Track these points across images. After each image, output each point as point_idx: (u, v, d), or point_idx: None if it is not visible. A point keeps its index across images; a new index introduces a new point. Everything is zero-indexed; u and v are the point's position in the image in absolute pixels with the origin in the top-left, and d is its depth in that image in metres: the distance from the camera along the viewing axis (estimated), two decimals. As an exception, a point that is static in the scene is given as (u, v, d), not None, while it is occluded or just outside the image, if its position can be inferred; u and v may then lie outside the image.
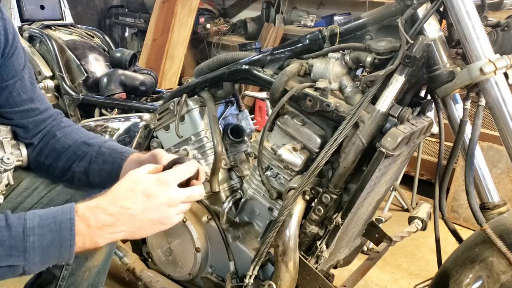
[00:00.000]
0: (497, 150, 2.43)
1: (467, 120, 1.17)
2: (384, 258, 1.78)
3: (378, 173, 1.14)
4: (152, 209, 0.83)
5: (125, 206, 0.82)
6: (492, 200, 1.20)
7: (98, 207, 0.81)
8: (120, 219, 0.82)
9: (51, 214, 0.80)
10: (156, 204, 0.83)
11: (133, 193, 0.83)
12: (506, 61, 1.04)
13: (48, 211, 0.81)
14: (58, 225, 0.78)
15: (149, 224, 0.84)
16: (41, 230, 0.78)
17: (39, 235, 0.78)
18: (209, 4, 4.79)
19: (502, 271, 1.05)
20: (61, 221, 0.79)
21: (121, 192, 0.83)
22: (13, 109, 1.10)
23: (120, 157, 1.09)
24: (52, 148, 1.13)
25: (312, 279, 1.23)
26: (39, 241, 0.77)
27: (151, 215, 0.84)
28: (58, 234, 0.78)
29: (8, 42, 1.03)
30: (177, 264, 1.56)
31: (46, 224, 0.78)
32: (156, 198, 0.83)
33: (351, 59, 1.18)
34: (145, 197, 0.82)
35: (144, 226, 0.84)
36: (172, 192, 0.84)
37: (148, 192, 0.83)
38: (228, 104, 1.57)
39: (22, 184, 1.15)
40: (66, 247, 0.79)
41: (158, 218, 0.85)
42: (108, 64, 2.06)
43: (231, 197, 1.45)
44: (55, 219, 0.79)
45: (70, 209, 0.80)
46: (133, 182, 0.84)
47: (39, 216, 0.80)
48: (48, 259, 0.80)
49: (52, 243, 0.78)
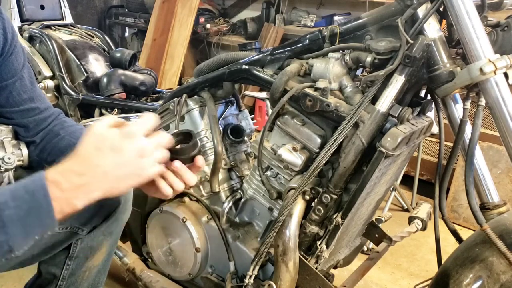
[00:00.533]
0: (497, 150, 2.43)
1: (467, 120, 1.17)
2: (384, 258, 1.78)
3: (378, 173, 1.14)
4: (123, 163, 0.81)
5: (95, 163, 0.80)
6: (492, 200, 1.20)
7: (67, 169, 0.80)
8: (93, 177, 0.80)
9: (22, 186, 0.78)
10: (127, 157, 0.81)
11: (100, 151, 0.80)
12: (506, 61, 1.04)
13: (18, 184, 0.79)
14: (31, 194, 0.77)
15: (124, 178, 0.82)
16: (15, 202, 0.76)
17: (14, 207, 0.76)
18: (209, 4, 4.79)
19: (502, 271, 1.05)
20: (33, 190, 0.77)
21: (88, 151, 0.81)
22: (13, 108, 1.10)
23: None
24: (55, 146, 1.13)
25: (312, 279, 1.23)
26: (16, 213, 0.76)
27: (124, 169, 0.81)
28: (34, 202, 0.77)
29: (7, 42, 1.03)
30: (177, 264, 1.56)
31: (19, 196, 0.77)
32: (125, 151, 0.81)
33: (351, 59, 1.18)
34: (113, 152, 0.80)
35: (120, 181, 0.82)
36: (139, 143, 0.82)
37: (115, 147, 0.80)
38: (228, 104, 1.57)
39: (23, 184, 1.15)
40: (46, 214, 0.77)
41: (132, 171, 0.82)
42: (108, 64, 2.06)
43: (231, 197, 1.45)
44: (27, 189, 0.77)
45: (40, 177, 0.78)
46: (97, 140, 0.81)
47: (10, 190, 0.78)
48: (31, 229, 0.78)
49: (29, 213, 0.77)
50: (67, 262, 1.22)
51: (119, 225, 1.25)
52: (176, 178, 0.93)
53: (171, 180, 0.93)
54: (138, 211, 1.60)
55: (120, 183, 0.82)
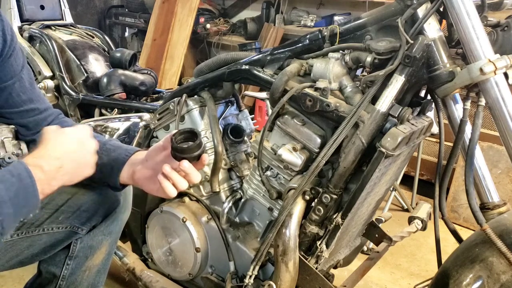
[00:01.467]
0: (497, 150, 2.43)
1: (467, 120, 1.17)
2: (384, 258, 1.78)
3: (378, 173, 1.14)
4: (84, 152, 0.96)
5: (66, 149, 0.92)
6: (492, 200, 1.20)
7: (44, 155, 0.90)
8: (65, 161, 0.91)
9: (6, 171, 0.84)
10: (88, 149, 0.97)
11: (69, 139, 0.94)
12: (506, 61, 1.04)
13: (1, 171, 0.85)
14: (17, 176, 0.83)
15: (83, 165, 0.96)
16: (4, 184, 0.81)
17: (4, 189, 0.81)
18: (209, 4, 4.79)
19: (502, 271, 1.05)
20: (19, 173, 0.84)
21: (58, 140, 0.93)
22: (12, 109, 1.10)
23: (125, 153, 1.10)
24: None
25: (312, 279, 1.23)
26: (7, 195, 0.81)
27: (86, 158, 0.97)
28: (21, 183, 0.83)
29: (6, 44, 1.04)
30: (177, 264, 1.56)
31: (6, 179, 0.82)
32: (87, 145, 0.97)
33: (351, 59, 1.18)
34: (79, 142, 0.95)
35: (82, 167, 0.96)
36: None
37: (80, 139, 0.96)
38: (228, 104, 1.57)
39: (23, 183, 1.16)
40: (32, 194, 0.84)
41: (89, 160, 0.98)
42: (108, 64, 2.06)
43: (231, 197, 1.45)
44: (12, 173, 0.83)
45: (20, 163, 0.86)
46: (64, 135, 0.95)
47: None
48: (19, 209, 0.83)
49: (18, 194, 0.82)
50: (67, 262, 1.22)
51: (118, 224, 1.25)
52: (181, 178, 0.95)
53: (176, 180, 0.95)
54: (138, 211, 1.60)
55: (83, 169, 0.97)
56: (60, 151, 0.91)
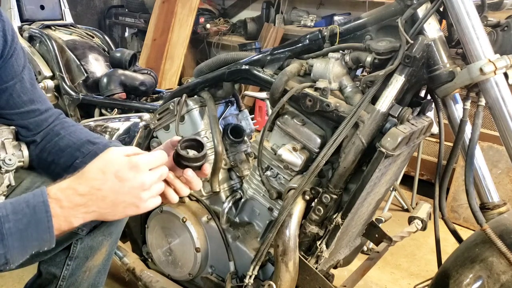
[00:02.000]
0: (497, 150, 2.43)
1: (467, 120, 1.17)
2: (384, 258, 1.78)
3: (378, 173, 1.14)
4: (123, 192, 0.83)
5: (96, 187, 0.82)
6: (492, 200, 1.20)
7: (69, 188, 0.82)
8: (91, 199, 0.82)
9: (23, 200, 0.80)
10: (128, 187, 0.83)
11: (104, 174, 0.83)
12: (506, 61, 1.04)
13: (20, 198, 0.81)
14: (32, 208, 0.79)
15: (121, 206, 0.84)
16: (16, 215, 0.78)
17: (15, 220, 0.78)
18: (209, 4, 4.79)
19: (502, 271, 1.05)
20: (35, 205, 0.79)
21: (92, 172, 0.83)
22: (13, 110, 1.10)
23: None
24: (55, 145, 1.13)
25: (312, 279, 1.23)
26: (16, 226, 0.77)
27: (123, 198, 0.83)
28: (34, 217, 0.79)
29: (7, 44, 1.03)
30: (177, 264, 1.56)
31: (19, 209, 0.79)
32: (128, 182, 0.83)
33: (351, 59, 1.18)
34: (117, 179, 0.83)
35: (116, 208, 0.84)
36: (143, 177, 0.84)
37: (120, 175, 0.83)
38: (228, 104, 1.57)
39: (23, 184, 1.15)
40: (45, 229, 0.80)
41: (130, 201, 0.84)
42: (108, 64, 2.06)
43: (231, 197, 1.45)
44: (28, 204, 0.79)
45: (42, 193, 0.80)
46: (105, 163, 0.84)
47: (11, 204, 0.80)
48: (29, 243, 0.80)
49: (28, 226, 0.78)
50: (67, 262, 1.22)
51: (119, 225, 1.25)
52: (183, 185, 0.95)
53: (178, 187, 0.95)
54: (138, 211, 1.60)
55: (116, 210, 0.85)
56: (87, 187, 0.82)
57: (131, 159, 0.84)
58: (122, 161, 0.84)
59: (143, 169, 0.84)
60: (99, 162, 0.84)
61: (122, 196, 0.83)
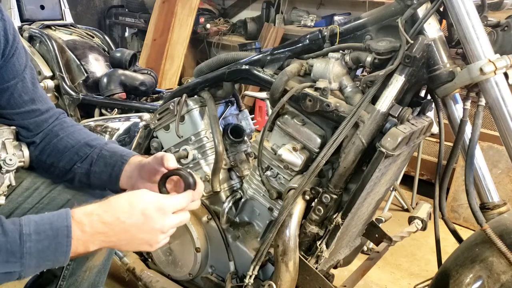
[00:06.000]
0: (497, 150, 2.43)
1: (467, 120, 1.17)
2: (384, 258, 1.78)
3: (378, 173, 1.14)
4: (145, 230, 0.86)
5: (121, 218, 0.84)
6: (492, 200, 1.20)
7: (94, 214, 0.84)
8: (113, 230, 0.84)
9: (48, 220, 0.81)
10: (150, 227, 0.86)
11: (131, 208, 0.85)
12: (506, 61, 1.04)
13: (44, 216, 0.82)
14: (55, 231, 0.80)
15: (137, 242, 0.87)
16: (38, 236, 0.79)
17: (36, 240, 0.79)
18: (209, 4, 4.79)
19: (502, 271, 1.05)
20: (58, 228, 0.80)
21: (121, 204, 0.85)
22: (14, 110, 1.10)
23: (121, 160, 1.10)
24: (54, 148, 1.13)
25: (312, 279, 1.23)
26: (36, 247, 0.79)
27: (142, 235, 0.86)
28: (55, 240, 0.80)
29: (8, 43, 1.03)
30: (177, 264, 1.56)
31: (42, 230, 0.80)
32: (152, 221, 0.86)
33: (351, 59, 1.18)
34: (143, 216, 0.85)
35: (133, 242, 0.87)
36: (167, 221, 0.88)
37: (146, 213, 0.85)
38: (228, 104, 1.57)
39: (23, 184, 1.15)
40: (62, 252, 0.81)
41: (148, 240, 0.88)
42: (108, 64, 2.06)
43: (231, 197, 1.45)
44: (52, 226, 0.80)
45: (66, 216, 0.82)
46: (134, 198, 0.86)
47: (35, 222, 0.81)
48: (44, 263, 0.81)
49: (48, 248, 0.80)
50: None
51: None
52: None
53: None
54: (138, 211, 1.60)
55: (132, 244, 0.88)
56: (112, 217, 0.84)
57: (159, 200, 0.87)
58: (151, 200, 0.87)
59: (168, 212, 0.88)
60: (130, 195, 0.87)
61: (142, 234, 0.86)
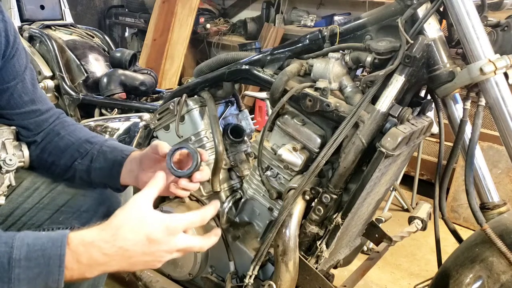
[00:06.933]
0: (497, 150, 2.43)
1: (467, 120, 1.17)
2: (384, 258, 1.78)
3: (378, 173, 1.14)
4: (150, 253, 0.81)
5: (125, 247, 0.78)
6: (492, 200, 1.20)
7: (93, 244, 0.77)
8: (115, 260, 0.78)
9: (40, 246, 0.76)
10: (156, 249, 0.81)
11: (136, 235, 0.79)
12: (506, 61, 1.04)
13: (38, 240, 0.77)
14: (46, 259, 0.75)
15: (141, 264, 0.82)
16: (28, 262, 0.75)
17: (25, 267, 0.74)
18: (209, 4, 4.79)
19: (502, 271, 1.05)
20: (50, 256, 0.75)
21: (123, 231, 0.78)
22: (14, 110, 1.10)
23: (121, 155, 1.10)
24: (55, 146, 1.13)
25: (312, 279, 1.23)
26: (25, 273, 0.74)
27: (147, 258, 0.81)
28: (46, 268, 0.75)
29: (9, 44, 1.03)
30: (177, 264, 1.56)
31: (34, 257, 0.75)
32: (158, 245, 0.80)
33: (351, 59, 1.18)
34: (148, 241, 0.79)
35: (137, 265, 0.82)
36: (175, 242, 0.82)
37: (152, 237, 0.79)
38: (228, 104, 1.56)
39: (23, 184, 1.15)
40: (54, 280, 0.76)
41: (152, 261, 0.82)
42: (108, 64, 2.06)
43: (231, 197, 1.45)
44: (44, 253, 0.75)
45: (61, 243, 0.76)
46: (138, 222, 0.80)
47: (27, 246, 0.76)
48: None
49: (38, 276, 0.75)
50: (68, 262, 1.22)
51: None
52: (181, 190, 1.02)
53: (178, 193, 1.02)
54: (138, 211, 1.60)
55: (135, 267, 0.82)
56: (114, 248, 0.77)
57: (169, 224, 0.81)
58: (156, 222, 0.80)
59: (177, 231, 0.82)
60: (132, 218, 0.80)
61: (147, 257, 0.81)
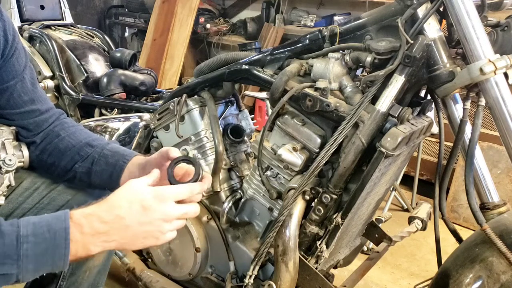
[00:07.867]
0: (497, 150, 2.43)
1: (467, 120, 1.17)
2: (384, 258, 1.78)
3: (378, 173, 1.14)
4: (146, 222, 0.84)
5: (121, 215, 0.82)
6: (492, 200, 1.20)
7: (93, 214, 0.82)
8: (113, 228, 0.82)
9: (46, 222, 0.80)
10: (152, 218, 0.84)
11: (130, 203, 0.83)
12: (506, 61, 1.04)
13: (43, 218, 0.81)
14: (52, 233, 0.79)
15: (141, 236, 0.85)
16: (35, 238, 0.78)
17: (33, 243, 0.78)
18: (209, 4, 4.79)
19: (502, 271, 1.05)
20: (56, 230, 0.79)
21: (118, 201, 0.84)
22: (13, 110, 1.10)
23: (123, 159, 1.09)
24: (55, 147, 1.13)
25: (312, 279, 1.23)
26: (33, 249, 0.78)
27: (145, 228, 0.84)
28: (53, 242, 0.79)
29: (8, 43, 1.03)
30: (177, 264, 1.56)
31: (40, 232, 0.78)
32: (152, 212, 0.84)
33: (351, 59, 1.18)
34: (142, 209, 0.84)
35: (137, 238, 0.85)
36: (168, 208, 0.86)
37: (145, 204, 0.84)
38: (228, 104, 1.57)
39: (23, 184, 1.15)
40: (60, 256, 0.80)
41: (151, 231, 0.86)
42: (108, 64, 2.06)
43: (231, 197, 1.45)
44: (49, 228, 0.79)
45: (65, 218, 0.80)
46: (131, 193, 0.85)
47: (33, 224, 0.80)
48: (42, 267, 0.80)
49: (46, 251, 0.78)
50: (68, 262, 1.22)
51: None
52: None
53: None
54: (138, 211, 1.60)
55: (136, 241, 0.86)
56: (111, 215, 0.82)
57: (156, 189, 0.85)
58: (148, 190, 0.85)
59: (168, 200, 0.86)
60: (125, 191, 0.85)
61: (144, 226, 0.84)
